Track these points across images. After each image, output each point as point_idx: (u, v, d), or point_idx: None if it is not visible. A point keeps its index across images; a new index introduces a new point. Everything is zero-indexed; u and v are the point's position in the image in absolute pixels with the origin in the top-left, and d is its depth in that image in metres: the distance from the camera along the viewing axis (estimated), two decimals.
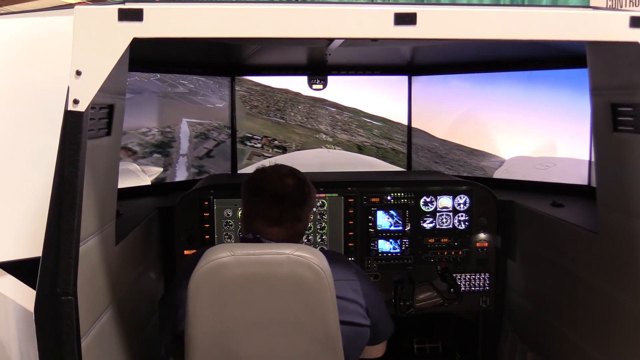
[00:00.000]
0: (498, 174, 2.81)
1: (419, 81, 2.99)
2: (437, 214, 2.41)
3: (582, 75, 2.31)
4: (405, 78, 3.01)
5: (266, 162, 1.60)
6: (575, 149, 2.53)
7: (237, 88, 2.93)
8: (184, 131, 2.86)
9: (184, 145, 2.83)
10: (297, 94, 2.98)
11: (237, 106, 2.95)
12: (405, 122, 3.02)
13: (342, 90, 3.00)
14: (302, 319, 1.31)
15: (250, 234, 1.48)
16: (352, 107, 3.02)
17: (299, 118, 3.01)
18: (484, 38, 1.30)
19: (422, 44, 2.58)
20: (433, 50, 2.71)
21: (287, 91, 2.97)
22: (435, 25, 1.26)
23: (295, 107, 3.00)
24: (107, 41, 1.18)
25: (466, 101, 2.86)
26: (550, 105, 2.60)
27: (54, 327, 1.18)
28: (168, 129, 2.76)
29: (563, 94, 2.56)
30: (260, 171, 1.55)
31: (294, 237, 1.49)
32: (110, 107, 1.47)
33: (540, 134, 2.66)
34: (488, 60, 2.74)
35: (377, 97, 3.03)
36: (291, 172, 1.53)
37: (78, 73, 1.17)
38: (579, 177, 2.53)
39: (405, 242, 2.40)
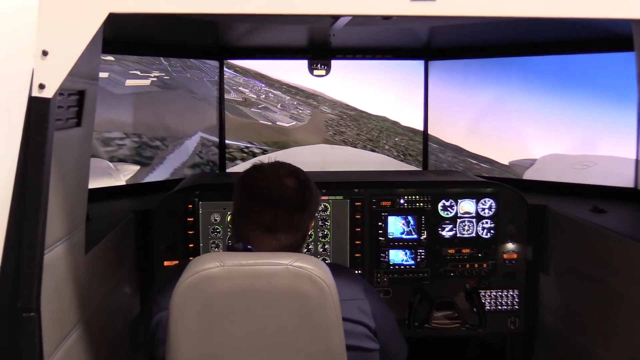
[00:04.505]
0: (529, 175, 2.80)
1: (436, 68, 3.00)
2: (458, 220, 2.40)
3: (627, 59, 2.31)
4: (421, 63, 3.01)
5: (265, 159, 1.59)
6: (620, 145, 2.53)
7: (327, 110, 2.86)
8: (181, 152, 2.64)
9: (158, 172, 2.60)
10: (395, 123, 2.91)
11: (320, 129, 2.87)
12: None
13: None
14: (302, 340, 1.31)
15: (241, 244, 1.48)
16: (454, 144, 2.94)
17: (394, 153, 2.90)
18: (514, 16, 1.29)
19: (441, 23, 2.58)
20: (454, 30, 2.71)
21: (384, 119, 2.91)
22: (458, 0, 1.26)
23: (392, 138, 2.89)
24: (79, 17, 1.18)
25: (491, 90, 2.87)
26: (590, 94, 2.60)
27: (14, 348, 1.18)
28: (157, 142, 2.63)
29: (605, 81, 2.56)
30: (256, 168, 1.54)
31: (289, 250, 1.48)
32: (81, 94, 1.47)
33: (578, 128, 2.66)
34: (518, 42, 2.74)
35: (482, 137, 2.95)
36: (292, 172, 1.53)
37: (44, 54, 1.17)
38: (624, 178, 2.52)
39: (420, 252, 2.40)
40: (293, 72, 2.95)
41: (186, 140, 2.71)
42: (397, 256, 2.40)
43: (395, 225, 2.40)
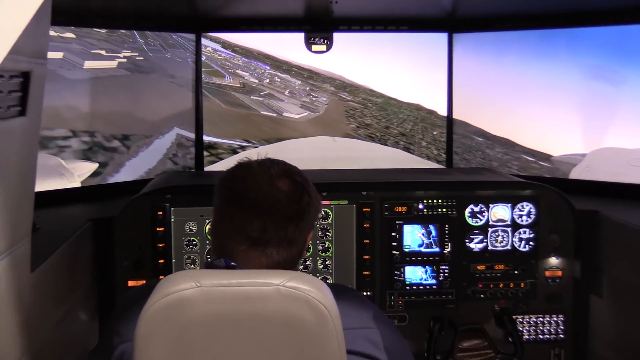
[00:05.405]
0: (576, 173, 2.80)
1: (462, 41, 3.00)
2: (490, 229, 2.41)
3: None
4: (444, 36, 3.02)
5: (254, 154, 1.59)
6: None
7: (347, 97, 2.80)
8: (147, 154, 2.55)
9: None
10: (432, 112, 2.83)
11: (339, 121, 2.79)
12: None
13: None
14: None
15: (222, 260, 1.48)
16: (503, 137, 2.87)
17: (434, 152, 2.80)
18: None
19: None
20: None
21: (419, 107, 2.83)
22: None
23: (429, 132, 2.80)
24: None
25: (531, 69, 2.87)
26: None
27: None
28: (115, 142, 2.57)
29: None
30: (242, 167, 1.54)
31: (281, 268, 1.48)
32: (26, 76, 1.48)
33: (638, 116, 2.66)
34: (563, 11, 2.74)
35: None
36: (286, 172, 1.53)
37: None
38: None
39: (443, 269, 2.40)
40: (294, 48, 2.92)
41: (157, 139, 2.65)
42: (414, 274, 2.40)
43: (413, 236, 2.40)
